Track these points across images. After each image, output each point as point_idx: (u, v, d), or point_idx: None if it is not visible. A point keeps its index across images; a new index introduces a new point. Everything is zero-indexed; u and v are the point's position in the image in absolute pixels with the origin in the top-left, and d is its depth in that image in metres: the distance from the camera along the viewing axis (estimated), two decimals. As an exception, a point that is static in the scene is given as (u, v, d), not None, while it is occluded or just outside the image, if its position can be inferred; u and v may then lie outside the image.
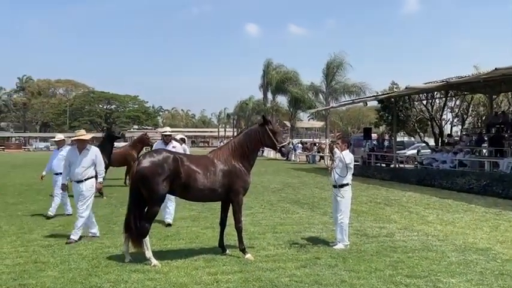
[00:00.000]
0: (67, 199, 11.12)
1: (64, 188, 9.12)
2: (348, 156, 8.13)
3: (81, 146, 8.67)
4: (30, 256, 7.33)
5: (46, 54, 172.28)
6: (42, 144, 78.93)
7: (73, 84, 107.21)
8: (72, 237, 8.34)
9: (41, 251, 7.64)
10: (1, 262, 6.97)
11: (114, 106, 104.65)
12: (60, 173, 9.79)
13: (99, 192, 14.59)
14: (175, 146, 10.09)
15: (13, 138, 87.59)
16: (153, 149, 10.30)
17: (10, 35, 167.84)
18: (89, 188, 8.57)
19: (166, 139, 10.27)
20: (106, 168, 15.17)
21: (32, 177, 20.44)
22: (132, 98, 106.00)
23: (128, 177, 17.03)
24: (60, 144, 11.48)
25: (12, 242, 8.30)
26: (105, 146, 15.37)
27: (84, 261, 7.03)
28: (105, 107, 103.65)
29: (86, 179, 8.55)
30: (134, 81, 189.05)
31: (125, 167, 17.95)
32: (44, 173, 11.75)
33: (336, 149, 8.18)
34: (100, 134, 79.43)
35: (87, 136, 8.84)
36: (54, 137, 10.55)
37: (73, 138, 8.94)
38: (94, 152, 8.72)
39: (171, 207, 10.04)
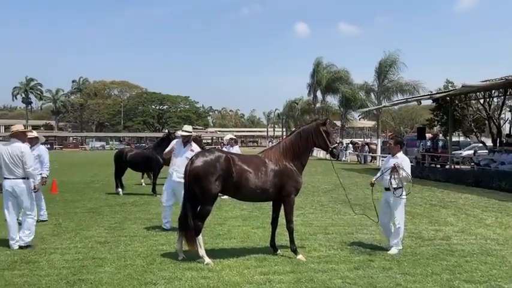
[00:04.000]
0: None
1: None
2: (406, 165, 7.89)
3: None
4: (88, 252, 7.57)
5: (101, 56, 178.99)
6: (98, 144, 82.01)
7: (127, 85, 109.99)
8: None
9: (98, 247, 7.88)
10: (61, 257, 7.24)
11: (166, 106, 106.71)
12: (39, 174, 9.18)
13: (152, 191, 14.97)
14: (193, 149, 9.15)
15: (71, 138, 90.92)
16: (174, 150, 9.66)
17: (67, 40, 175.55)
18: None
19: (184, 139, 9.57)
20: (160, 167, 15.63)
21: (89, 175, 21.17)
22: (183, 99, 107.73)
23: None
24: (32, 142, 9.66)
25: (71, 238, 8.61)
26: (162, 146, 15.68)
27: (139, 258, 7.21)
28: (157, 108, 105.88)
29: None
30: (185, 81, 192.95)
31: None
32: None
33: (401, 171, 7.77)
34: (154, 134, 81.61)
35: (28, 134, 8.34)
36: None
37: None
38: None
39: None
